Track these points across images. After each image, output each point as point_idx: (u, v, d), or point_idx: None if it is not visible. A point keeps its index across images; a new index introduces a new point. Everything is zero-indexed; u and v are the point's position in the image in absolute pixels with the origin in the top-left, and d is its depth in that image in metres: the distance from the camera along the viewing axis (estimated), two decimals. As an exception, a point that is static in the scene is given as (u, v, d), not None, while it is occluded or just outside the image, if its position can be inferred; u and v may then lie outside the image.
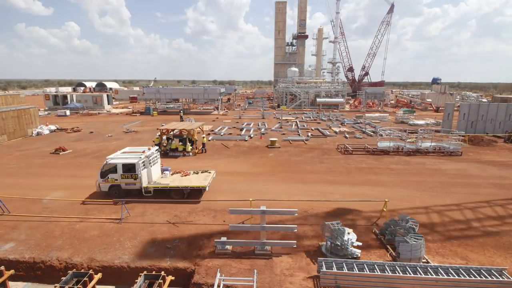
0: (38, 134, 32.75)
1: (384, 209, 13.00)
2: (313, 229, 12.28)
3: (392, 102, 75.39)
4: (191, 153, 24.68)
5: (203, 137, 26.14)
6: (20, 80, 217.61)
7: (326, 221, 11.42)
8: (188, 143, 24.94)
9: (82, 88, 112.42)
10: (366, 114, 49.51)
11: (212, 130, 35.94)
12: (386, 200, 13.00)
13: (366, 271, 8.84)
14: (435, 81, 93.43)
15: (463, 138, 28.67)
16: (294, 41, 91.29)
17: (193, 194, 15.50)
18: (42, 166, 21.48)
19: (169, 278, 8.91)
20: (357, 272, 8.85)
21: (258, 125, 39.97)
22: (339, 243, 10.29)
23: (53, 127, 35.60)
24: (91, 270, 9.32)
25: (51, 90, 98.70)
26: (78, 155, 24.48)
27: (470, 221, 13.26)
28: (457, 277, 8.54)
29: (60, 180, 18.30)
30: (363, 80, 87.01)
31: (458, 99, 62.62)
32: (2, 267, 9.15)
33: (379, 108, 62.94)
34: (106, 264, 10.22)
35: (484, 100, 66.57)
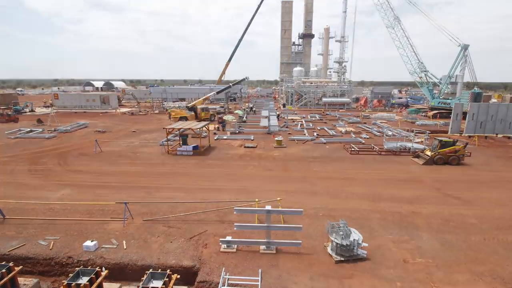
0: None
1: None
2: (320, 229, 12.20)
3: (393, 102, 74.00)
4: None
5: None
6: (30, 80, 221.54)
7: (332, 221, 11.33)
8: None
9: (90, 87, 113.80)
10: (373, 115, 49.11)
11: (218, 129, 36.06)
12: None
13: None
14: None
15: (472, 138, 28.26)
16: (300, 40, 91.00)
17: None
18: (46, 169, 21.79)
19: (175, 276, 8.94)
20: None
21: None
22: (345, 244, 10.20)
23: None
24: (98, 267, 9.42)
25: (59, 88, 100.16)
26: (86, 155, 24.78)
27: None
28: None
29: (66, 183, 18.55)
30: None
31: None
32: (11, 263, 9.29)
33: (386, 108, 62.36)
34: (112, 262, 10.31)
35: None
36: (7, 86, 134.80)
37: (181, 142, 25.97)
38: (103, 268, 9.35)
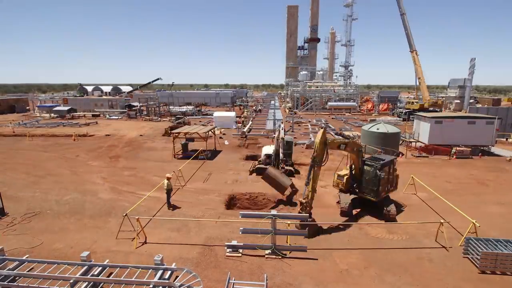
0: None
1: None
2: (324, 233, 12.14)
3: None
4: (204, 156, 24.96)
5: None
6: (40, 84, 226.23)
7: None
8: None
9: (98, 92, 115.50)
10: (379, 118, 48.76)
11: (224, 134, 36.23)
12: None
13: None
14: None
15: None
16: (306, 44, 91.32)
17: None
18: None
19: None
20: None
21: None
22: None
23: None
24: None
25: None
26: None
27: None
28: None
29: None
30: None
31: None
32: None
33: (393, 112, 61.80)
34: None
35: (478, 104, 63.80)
36: (18, 91, 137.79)
37: (182, 147, 26.33)
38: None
